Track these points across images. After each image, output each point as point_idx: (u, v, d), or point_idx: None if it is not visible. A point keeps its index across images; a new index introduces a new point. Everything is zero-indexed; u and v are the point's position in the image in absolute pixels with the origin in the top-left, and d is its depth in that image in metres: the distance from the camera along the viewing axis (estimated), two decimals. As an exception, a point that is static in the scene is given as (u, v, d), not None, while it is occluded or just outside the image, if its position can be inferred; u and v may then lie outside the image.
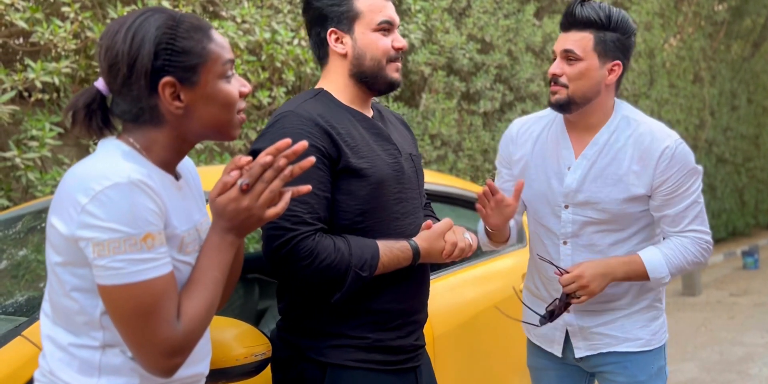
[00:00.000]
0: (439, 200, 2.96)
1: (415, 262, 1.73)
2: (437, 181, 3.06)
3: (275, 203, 1.28)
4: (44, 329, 1.29)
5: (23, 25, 3.56)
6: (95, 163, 1.21)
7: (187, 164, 1.44)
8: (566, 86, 1.98)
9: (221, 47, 1.29)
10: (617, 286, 2.07)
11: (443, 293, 2.64)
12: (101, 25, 3.78)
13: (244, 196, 1.25)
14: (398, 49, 1.77)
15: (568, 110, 2.02)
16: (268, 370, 1.74)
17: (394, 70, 1.78)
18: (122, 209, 1.15)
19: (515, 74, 6.93)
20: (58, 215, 1.19)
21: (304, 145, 1.27)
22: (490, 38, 6.57)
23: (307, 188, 1.32)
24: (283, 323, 1.77)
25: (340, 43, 1.75)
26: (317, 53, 1.81)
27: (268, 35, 4.49)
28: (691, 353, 5.38)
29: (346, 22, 1.74)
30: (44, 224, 1.26)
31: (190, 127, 1.29)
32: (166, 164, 1.31)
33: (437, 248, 1.75)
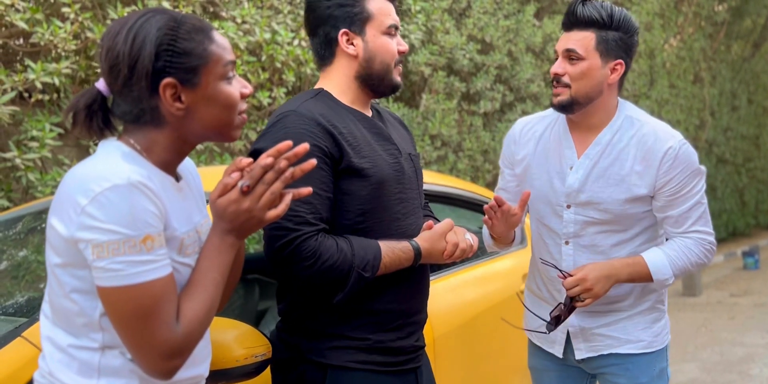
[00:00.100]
0: (439, 201, 2.95)
1: (416, 262, 1.72)
2: (437, 181, 3.06)
3: (276, 205, 1.28)
4: (44, 330, 1.29)
5: (23, 25, 3.56)
6: (95, 164, 1.21)
7: (187, 165, 1.43)
8: (568, 86, 1.98)
9: (222, 48, 1.29)
10: (619, 287, 2.06)
11: (443, 294, 2.64)
12: (101, 25, 3.78)
13: (244, 197, 1.25)
14: (402, 52, 1.79)
15: (570, 111, 2.02)
16: (268, 371, 1.74)
17: (398, 73, 1.80)
18: (122, 211, 1.15)
19: (515, 75, 6.93)
20: (57, 216, 1.19)
21: (305, 147, 1.27)
22: (490, 39, 6.57)
23: (308, 190, 1.32)
24: (282, 324, 1.77)
25: (351, 44, 1.75)
26: (322, 53, 1.79)
27: (268, 36, 4.49)
28: (691, 354, 5.38)
29: (358, 23, 1.74)
30: (44, 225, 1.25)
31: (190, 128, 1.28)
32: (166, 165, 1.30)
33: (438, 249, 1.75)
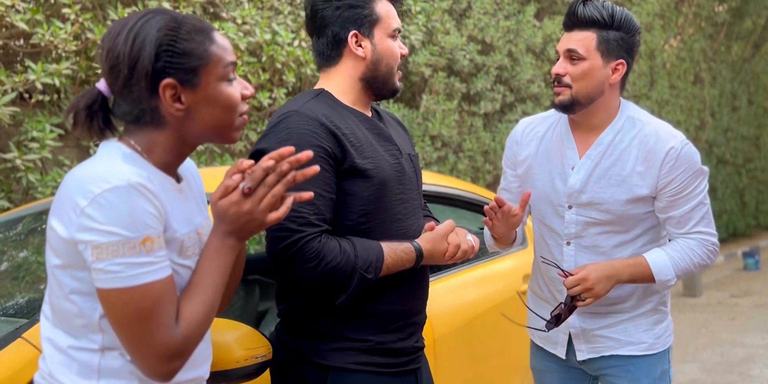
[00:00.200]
0: (440, 202, 2.95)
1: (418, 263, 1.72)
2: (438, 182, 3.05)
3: (277, 208, 1.28)
4: (44, 331, 1.28)
5: (24, 26, 3.56)
6: (95, 165, 1.21)
7: (189, 166, 1.43)
8: (569, 86, 1.97)
9: (223, 49, 1.28)
10: (621, 288, 2.06)
11: (444, 295, 2.63)
12: (102, 26, 3.78)
13: (245, 199, 1.25)
14: (403, 56, 1.81)
15: (571, 111, 2.02)
16: (267, 372, 1.73)
17: (398, 77, 1.81)
18: (121, 212, 1.14)
19: (515, 75, 6.93)
20: (57, 217, 1.19)
21: (308, 155, 1.27)
22: (490, 39, 6.57)
23: (309, 195, 1.32)
24: (283, 326, 1.76)
25: (359, 46, 1.74)
26: (328, 53, 1.77)
27: (268, 36, 4.49)
28: (691, 354, 5.37)
29: (367, 25, 1.74)
30: (45, 226, 1.25)
31: (191, 129, 1.28)
32: (167, 166, 1.30)
33: (440, 250, 1.75)
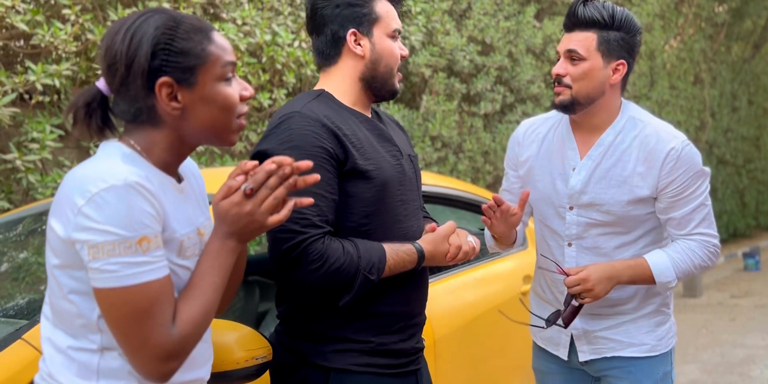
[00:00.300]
0: (440, 202, 2.95)
1: (419, 265, 1.72)
2: (438, 183, 3.05)
3: (278, 211, 1.28)
4: (44, 332, 1.28)
5: (24, 27, 3.56)
6: (95, 165, 1.21)
7: (190, 167, 1.43)
8: (570, 86, 1.97)
9: (222, 49, 1.28)
10: (623, 290, 2.05)
11: (444, 296, 2.63)
12: (102, 27, 3.78)
13: (247, 200, 1.25)
14: (403, 57, 1.80)
15: (572, 111, 2.01)
16: (267, 373, 1.73)
17: (398, 79, 1.80)
18: (118, 212, 1.14)
19: (516, 76, 6.93)
20: (57, 217, 1.19)
21: (308, 165, 1.28)
22: (490, 40, 6.57)
23: (309, 201, 1.32)
24: (283, 328, 1.76)
25: (358, 44, 1.74)
26: (327, 52, 1.76)
27: (268, 37, 4.48)
28: (692, 355, 5.37)
29: (366, 24, 1.73)
30: (45, 227, 1.25)
31: (188, 128, 1.28)
32: (166, 166, 1.30)
33: (441, 251, 1.74)
